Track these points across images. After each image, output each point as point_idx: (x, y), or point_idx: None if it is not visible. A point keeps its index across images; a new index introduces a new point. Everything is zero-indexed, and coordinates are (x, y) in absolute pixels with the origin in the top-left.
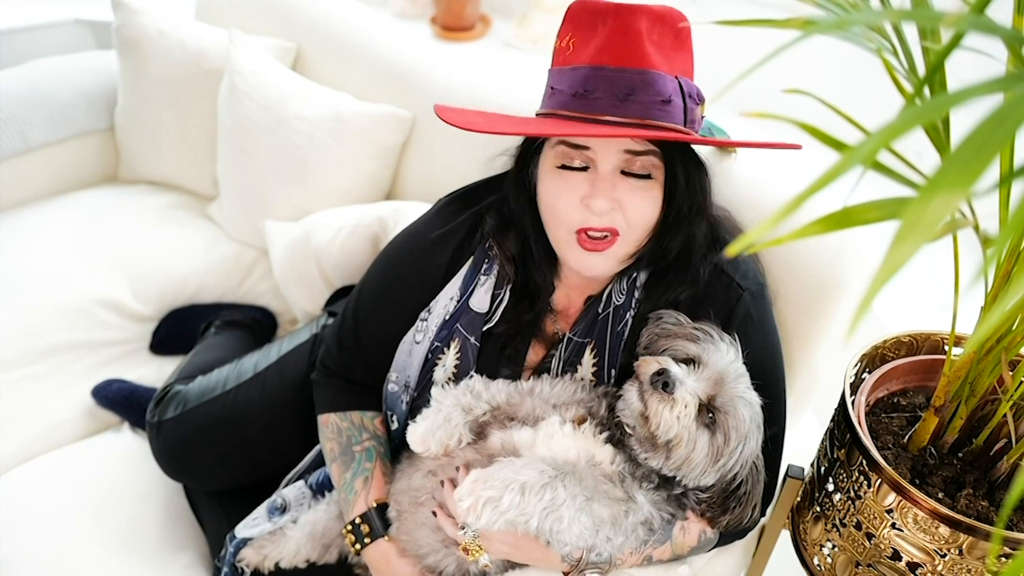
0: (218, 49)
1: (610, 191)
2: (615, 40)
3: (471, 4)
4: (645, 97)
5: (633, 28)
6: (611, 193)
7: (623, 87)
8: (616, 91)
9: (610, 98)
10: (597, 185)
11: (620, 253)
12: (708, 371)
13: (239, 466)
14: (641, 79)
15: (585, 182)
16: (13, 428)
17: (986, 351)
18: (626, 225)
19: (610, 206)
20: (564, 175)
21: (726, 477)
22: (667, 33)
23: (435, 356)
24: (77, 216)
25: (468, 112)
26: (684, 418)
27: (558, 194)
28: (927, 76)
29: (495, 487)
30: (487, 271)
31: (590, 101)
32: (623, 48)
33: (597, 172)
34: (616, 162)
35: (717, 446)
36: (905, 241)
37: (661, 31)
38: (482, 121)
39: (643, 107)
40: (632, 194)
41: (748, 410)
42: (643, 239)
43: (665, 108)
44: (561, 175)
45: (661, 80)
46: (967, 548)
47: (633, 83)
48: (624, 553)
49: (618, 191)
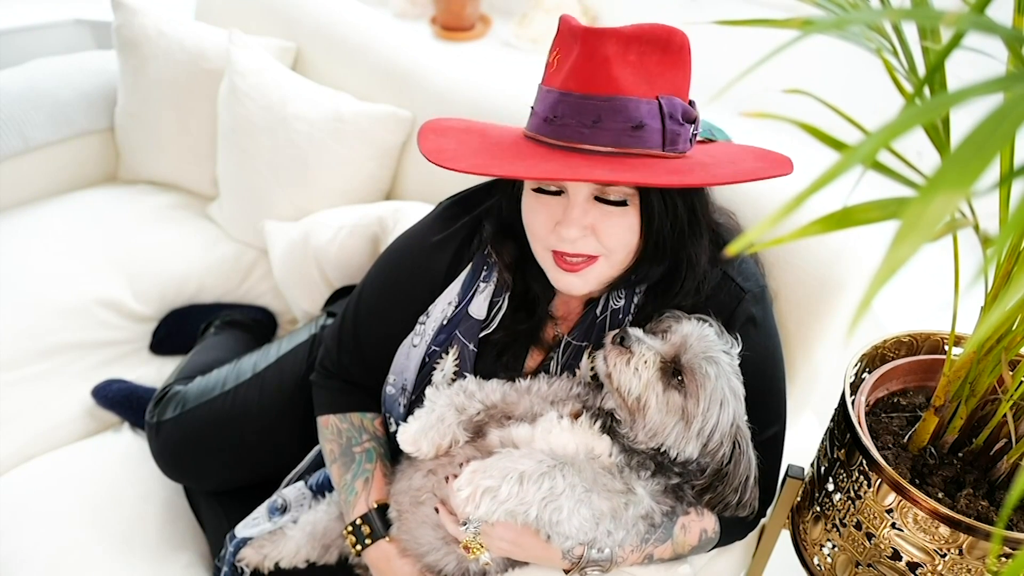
0: (218, 49)
1: (581, 219)
2: (581, 65)
3: (471, 4)
4: (613, 124)
5: (599, 54)
6: (582, 221)
7: (589, 113)
8: (582, 118)
9: (578, 125)
10: (568, 213)
11: (602, 275)
12: (673, 336)
13: (238, 466)
14: (608, 105)
15: (559, 207)
16: (13, 428)
17: (986, 351)
18: (604, 249)
19: (580, 234)
20: (540, 198)
21: (708, 448)
22: (650, 51)
23: (433, 360)
24: (77, 216)
25: (452, 130)
26: (643, 372)
27: (534, 216)
28: (927, 76)
29: (494, 477)
30: (486, 278)
31: (559, 127)
32: (588, 74)
33: (570, 199)
34: (588, 190)
35: (688, 408)
36: (905, 241)
37: (640, 50)
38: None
39: (612, 134)
40: (605, 219)
41: (714, 368)
42: (626, 261)
43: (637, 134)
44: (537, 197)
45: (632, 104)
46: (967, 548)
47: (599, 110)
48: (625, 550)
49: (590, 217)
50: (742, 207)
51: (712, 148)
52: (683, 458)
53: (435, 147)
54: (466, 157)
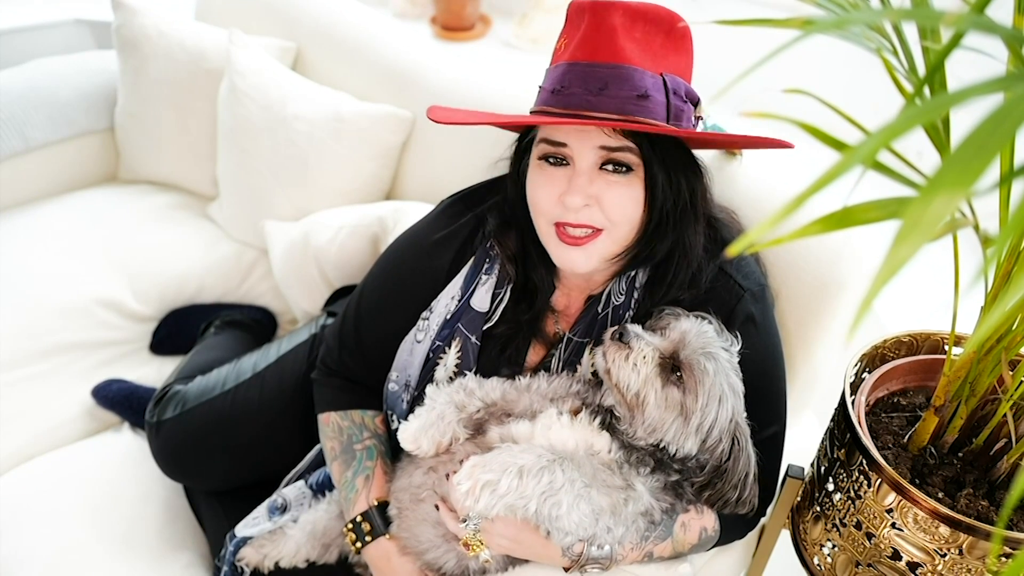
0: (218, 49)
1: (586, 187)
2: (590, 35)
3: (471, 4)
4: (618, 91)
5: (607, 23)
6: (586, 189)
7: (596, 81)
8: (588, 85)
9: (583, 92)
10: (573, 181)
11: (604, 251)
12: (672, 333)
13: (238, 466)
14: (614, 73)
15: (564, 178)
16: (13, 428)
17: (986, 351)
18: (607, 221)
19: (584, 202)
20: (546, 169)
21: (707, 444)
22: (654, 31)
23: (436, 356)
24: (77, 216)
25: (460, 111)
26: (642, 367)
27: (538, 188)
28: (927, 76)
29: (493, 470)
30: (488, 271)
31: (565, 96)
32: (596, 43)
33: (575, 168)
34: (593, 158)
35: (687, 403)
36: (905, 241)
37: (646, 28)
38: (464, 116)
39: (617, 101)
40: (610, 189)
41: (713, 364)
42: (629, 237)
43: (642, 103)
44: (543, 169)
45: (638, 75)
46: (967, 548)
47: (605, 77)
48: (625, 547)
49: (595, 187)
50: (742, 207)
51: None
52: (682, 454)
53: (444, 116)
54: (476, 118)
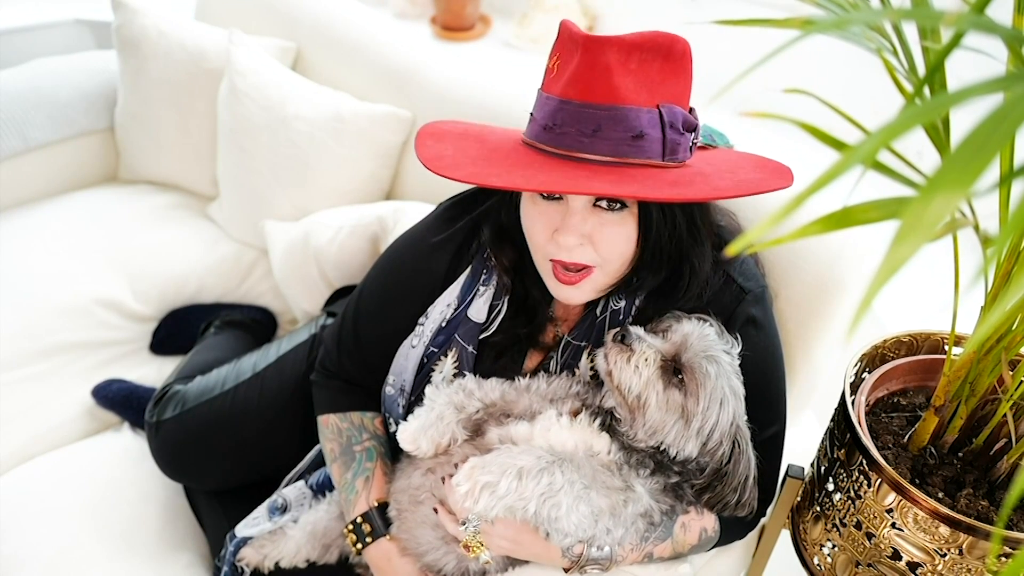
0: (218, 49)
1: (579, 226)
2: (582, 74)
3: (471, 4)
4: (613, 134)
5: (600, 62)
6: (580, 228)
7: (589, 123)
8: (582, 127)
9: (577, 134)
10: (566, 220)
11: (597, 284)
12: (673, 335)
13: (238, 466)
14: (608, 115)
15: (557, 214)
16: (13, 428)
17: (986, 351)
18: (599, 259)
19: (578, 242)
20: (539, 204)
21: (708, 447)
22: (651, 58)
23: (431, 362)
24: (77, 216)
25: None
26: (643, 370)
27: (533, 222)
28: (927, 76)
29: (493, 472)
30: (486, 281)
31: (559, 136)
32: (589, 82)
33: (568, 206)
34: (587, 198)
35: (688, 406)
36: (905, 241)
37: (642, 57)
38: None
39: (612, 144)
40: (603, 228)
41: (714, 367)
42: (621, 271)
43: (637, 144)
44: (536, 204)
45: (632, 115)
46: (967, 548)
47: (599, 119)
48: (625, 548)
49: (588, 225)
50: (742, 207)
51: (712, 156)
52: (682, 457)
53: (433, 154)
54: (464, 165)
